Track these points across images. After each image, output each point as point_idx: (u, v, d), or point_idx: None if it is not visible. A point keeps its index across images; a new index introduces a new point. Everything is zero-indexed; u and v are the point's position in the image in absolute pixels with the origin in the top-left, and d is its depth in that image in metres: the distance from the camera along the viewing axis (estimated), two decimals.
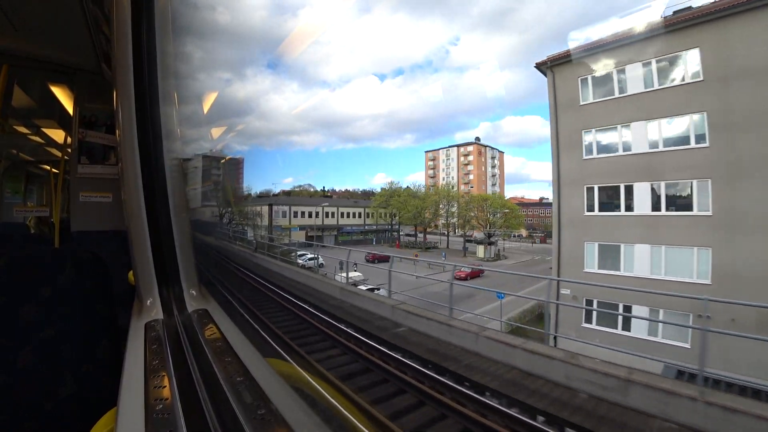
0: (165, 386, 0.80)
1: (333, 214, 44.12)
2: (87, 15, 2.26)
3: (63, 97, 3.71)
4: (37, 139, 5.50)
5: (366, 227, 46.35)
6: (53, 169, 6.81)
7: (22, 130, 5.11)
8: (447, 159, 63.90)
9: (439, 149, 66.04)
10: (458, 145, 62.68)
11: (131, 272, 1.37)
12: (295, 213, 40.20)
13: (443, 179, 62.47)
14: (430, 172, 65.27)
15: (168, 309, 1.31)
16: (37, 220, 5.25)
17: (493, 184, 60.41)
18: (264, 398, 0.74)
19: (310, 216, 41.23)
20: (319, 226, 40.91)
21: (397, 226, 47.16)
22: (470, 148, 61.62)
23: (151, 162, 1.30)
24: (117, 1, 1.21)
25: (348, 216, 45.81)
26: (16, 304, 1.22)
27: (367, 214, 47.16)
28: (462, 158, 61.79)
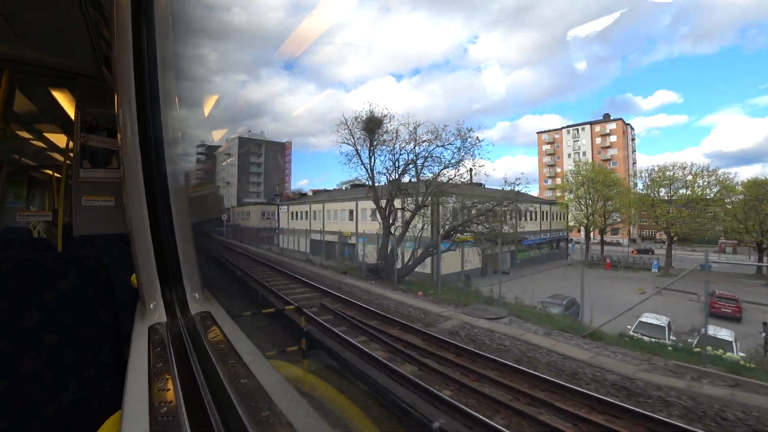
0: (169, 389, 0.80)
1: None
2: (87, 20, 2.27)
3: (64, 101, 3.73)
4: (40, 143, 5.52)
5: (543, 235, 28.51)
6: (55, 174, 6.84)
7: (25, 135, 5.13)
8: (575, 141, 48.86)
9: (560, 128, 50.01)
10: (592, 123, 47.79)
11: (134, 275, 1.37)
12: None
13: (569, 166, 46.64)
14: (548, 158, 49.23)
15: (171, 312, 1.31)
16: (47, 225, 5.26)
17: (634, 174, 44.44)
18: (268, 400, 0.74)
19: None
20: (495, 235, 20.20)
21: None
22: (611, 126, 46.37)
23: (152, 165, 1.30)
24: (117, 6, 1.22)
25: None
26: (19, 309, 1.23)
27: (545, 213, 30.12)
28: (599, 139, 46.82)
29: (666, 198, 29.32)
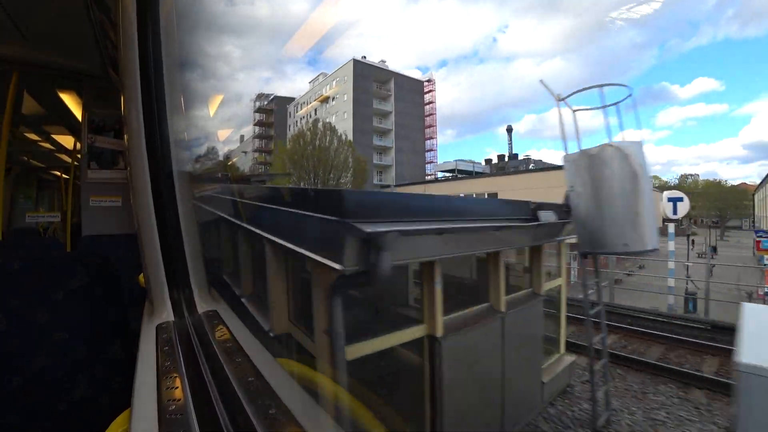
0: (177, 387, 0.81)
1: None
2: (93, 21, 2.29)
3: (71, 103, 3.76)
4: (48, 145, 5.59)
5: None
6: (63, 175, 6.93)
7: (33, 136, 5.19)
8: None
9: None
10: None
11: (141, 275, 1.38)
12: None
13: None
14: None
15: (179, 311, 1.32)
16: (60, 225, 5.33)
17: None
18: (275, 398, 0.74)
19: None
20: None
21: None
22: None
23: (159, 165, 1.31)
24: (123, 7, 1.22)
25: None
26: (29, 308, 1.24)
27: None
28: None
29: None
